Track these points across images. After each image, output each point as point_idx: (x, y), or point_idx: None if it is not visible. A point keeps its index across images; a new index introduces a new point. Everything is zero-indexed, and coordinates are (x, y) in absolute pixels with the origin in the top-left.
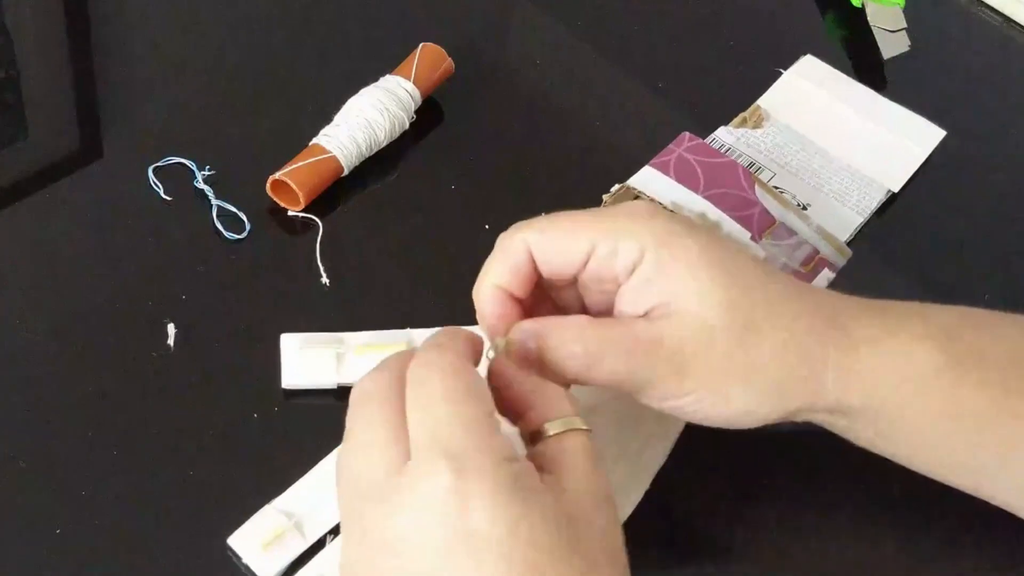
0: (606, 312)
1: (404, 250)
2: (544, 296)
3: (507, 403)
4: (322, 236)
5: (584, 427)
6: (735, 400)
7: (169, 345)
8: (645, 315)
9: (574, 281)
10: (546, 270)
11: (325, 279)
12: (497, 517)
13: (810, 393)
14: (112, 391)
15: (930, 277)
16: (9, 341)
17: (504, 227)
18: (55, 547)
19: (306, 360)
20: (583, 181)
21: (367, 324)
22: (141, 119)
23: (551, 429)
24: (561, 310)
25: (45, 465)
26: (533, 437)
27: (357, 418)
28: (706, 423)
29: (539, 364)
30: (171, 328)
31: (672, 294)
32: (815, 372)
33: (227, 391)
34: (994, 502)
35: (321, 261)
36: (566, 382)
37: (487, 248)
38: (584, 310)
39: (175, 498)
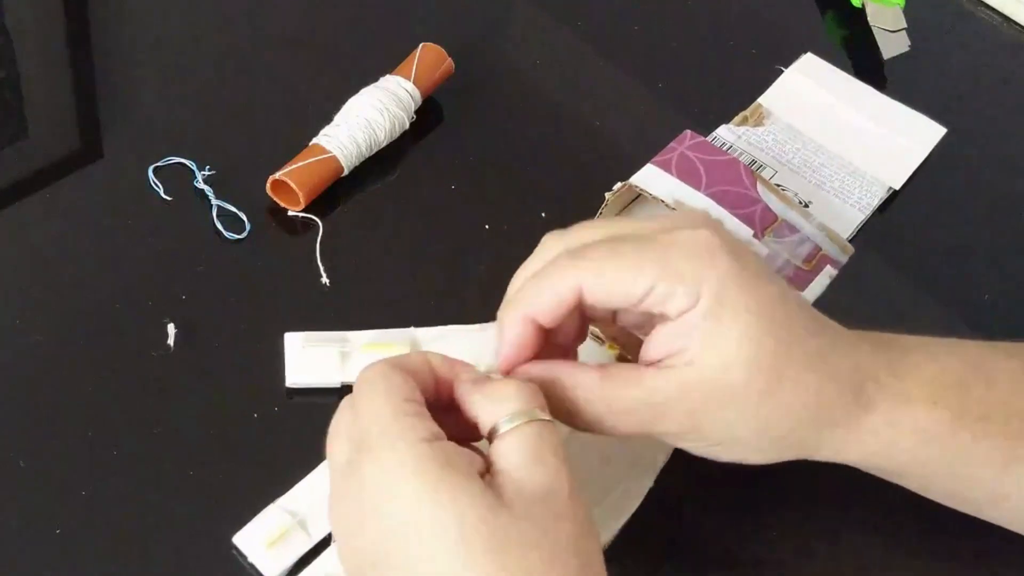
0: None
1: (404, 250)
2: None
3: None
4: (322, 236)
5: (541, 417)
6: (745, 454)
7: (169, 345)
8: (666, 359)
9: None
10: (591, 306)
11: (325, 279)
12: (412, 489)
13: (825, 452)
14: (112, 391)
15: (931, 274)
16: (9, 341)
17: (504, 227)
18: (57, 547)
19: (310, 358)
20: (584, 180)
21: (367, 324)
22: (141, 119)
23: (501, 427)
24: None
25: (46, 465)
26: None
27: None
28: (710, 458)
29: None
30: (171, 328)
31: (708, 345)
32: (830, 440)
33: (228, 391)
34: (999, 524)
35: (321, 261)
36: (579, 326)
37: (487, 248)
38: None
39: (179, 497)
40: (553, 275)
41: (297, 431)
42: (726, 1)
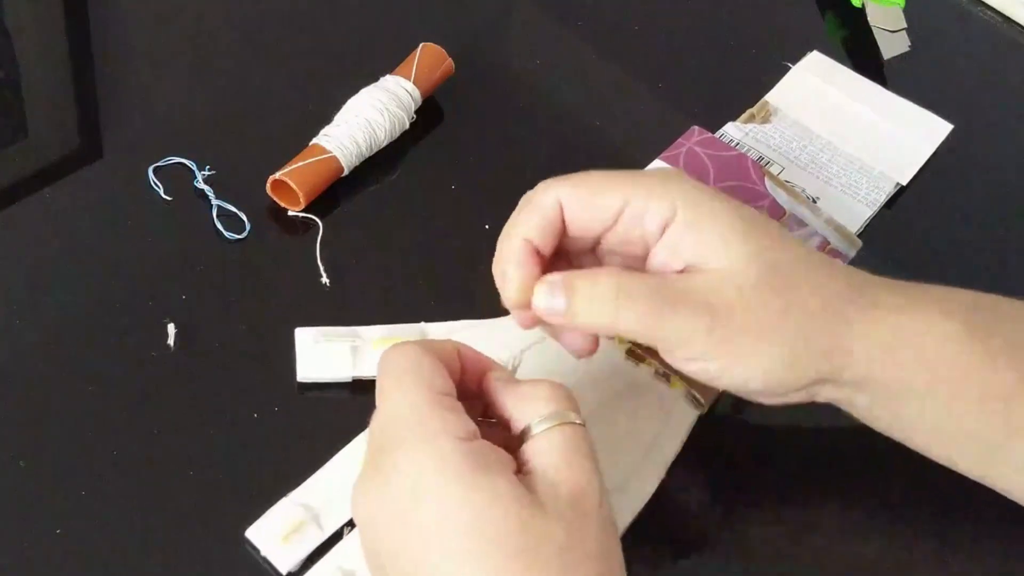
0: None
1: (404, 250)
2: (564, 267)
3: (498, 414)
4: (322, 236)
5: (574, 421)
6: (761, 361)
7: (169, 345)
8: (676, 273)
9: (595, 247)
10: (574, 227)
11: (325, 279)
12: (443, 488)
13: (837, 360)
14: (112, 391)
15: (939, 268)
16: (10, 341)
17: (503, 227)
18: (65, 547)
19: (321, 353)
20: None
21: (367, 324)
22: (141, 119)
23: (534, 428)
24: None
25: (49, 465)
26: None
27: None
28: (730, 389)
29: (566, 317)
30: (171, 328)
31: (704, 252)
32: (843, 338)
33: (229, 389)
34: (996, 487)
35: (321, 261)
36: (592, 335)
37: (488, 248)
38: None
39: (190, 493)
40: (533, 196)
41: (308, 426)
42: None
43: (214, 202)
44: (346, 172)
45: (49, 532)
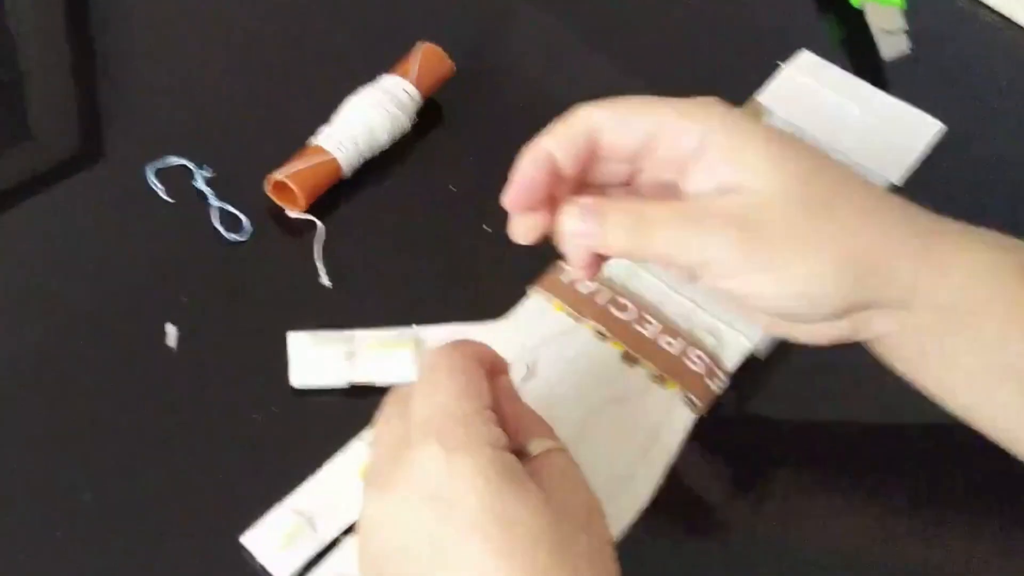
0: None
1: (404, 251)
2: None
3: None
4: (322, 237)
5: (563, 447)
6: (798, 277)
7: (169, 346)
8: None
9: (629, 181)
10: (607, 149)
11: (325, 280)
12: (482, 494)
13: (883, 277)
14: (112, 393)
15: None
16: (10, 341)
17: (505, 228)
18: (61, 550)
19: (315, 358)
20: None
21: (368, 325)
22: (142, 120)
23: (534, 449)
24: None
25: (47, 467)
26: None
27: (375, 426)
28: (762, 309)
29: (596, 240)
30: (171, 329)
31: (739, 174)
32: (890, 257)
33: (229, 392)
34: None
35: (321, 262)
36: (598, 260)
37: (488, 249)
38: None
39: (184, 498)
40: (569, 115)
41: (303, 430)
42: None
43: (214, 203)
44: (346, 173)
45: (47, 536)
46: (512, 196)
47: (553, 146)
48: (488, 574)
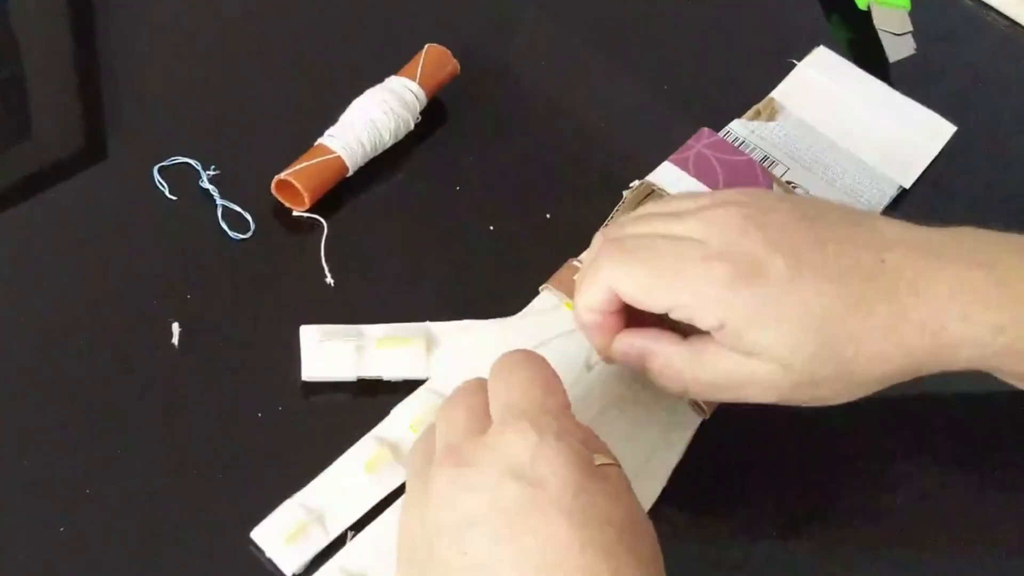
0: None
1: (408, 251)
2: None
3: None
4: (326, 236)
5: (619, 464)
6: (844, 399)
7: (173, 344)
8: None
9: None
10: (632, 304)
11: (329, 279)
12: (567, 478)
13: (940, 362)
14: (117, 391)
15: None
16: (14, 341)
17: (509, 228)
18: (69, 546)
19: (326, 352)
20: (590, 181)
21: (371, 323)
22: (146, 119)
23: (595, 461)
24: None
25: (53, 464)
26: None
27: (441, 411)
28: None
29: (646, 377)
30: (175, 327)
31: (763, 348)
32: (929, 364)
33: (233, 389)
34: None
35: (325, 261)
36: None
37: (492, 249)
38: None
39: (194, 494)
40: (594, 275)
41: (313, 427)
42: None
43: (219, 202)
44: (351, 172)
45: (53, 532)
46: (599, 351)
47: (595, 306)
48: (566, 553)
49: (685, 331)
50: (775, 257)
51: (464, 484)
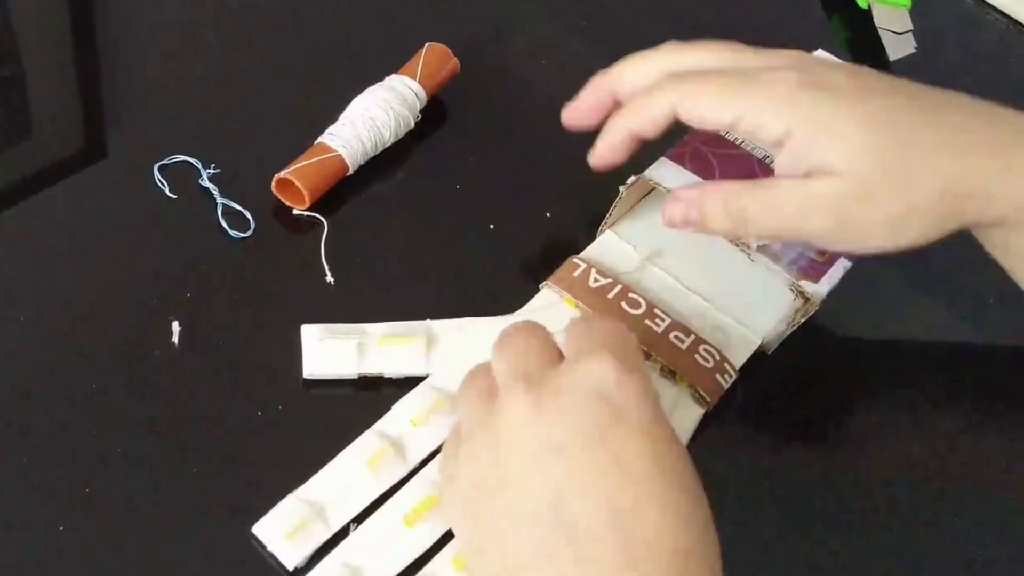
0: None
1: (408, 249)
2: None
3: None
4: (327, 235)
5: None
6: (895, 234)
7: (173, 343)
8: (802, 175)
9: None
10: (689, 124)
11: (330, 277)
12: (645, 408)
13: (973, 213)
14: (117, 389)
15: (945, 264)
16: (15, 339)
17: (508, 226)
18: (70, 544)
19: (327, 350)
20: (589, 179)
21: (372, 321)
22: (146, 117)
23: None
24: None
25: (53, 461)
26: None
27: (501, 350)
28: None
29: (699, 228)
30: (175, 325)
31: (826, 160)
32: (978, 194)
33: (232, 387)
34: None
35: (326, 260)
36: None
37: (491, 247)
38: None
39: (196, 490)
40: (655, 97)
41: (314, 423)
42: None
43: (219, 200)
44: (351, 171)
45: (53, 532)
46: (597, 160)
47: (637, 128)
48: (643, 477)
49: None
50: (842, 76)
51: (547, 409)
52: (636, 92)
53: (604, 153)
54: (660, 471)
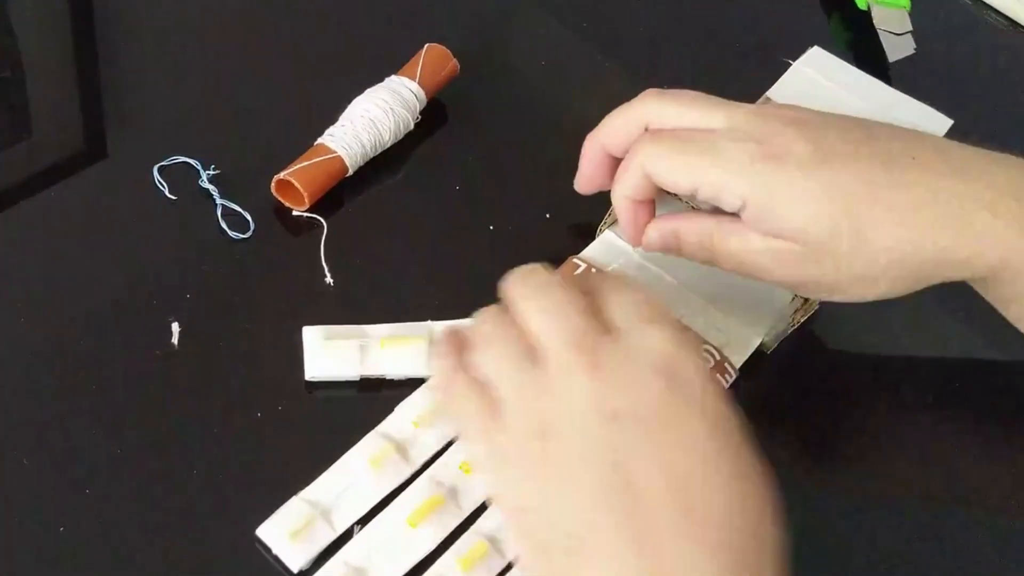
0: None
1: (408, 250)
2: None
3: None
4: (326, 236)
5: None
6: (861, 292)
7: (173, 344)
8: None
9: None
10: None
11: (329, 279)
12: (705, 382)
13: (949, 273)
14: (116, 388)
15: None
16: (14, 340)
17: (508, 228)
18: (72, 546)
19: (329, 351)
20: None
21: (371, 323)
22: (146, 118)
23: None
24: None
25: (52, 463)
26: None
27: (483, 343)
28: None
29: (678, 255)
30: (175, 327)
31: (782, 227)
32: (945, 259)
33: (231, 388)
34: None
35: (325, 261)
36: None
37: (491, 249)
38: None
39: (199, 492)
40: (630, 160)
41: (315, 425)
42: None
43: (219, 201)
44: (350, 172)
45: (53, 532)
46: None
47: (630, 194)
48: (703, 452)
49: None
50: (801, 143)
51: (607, 379)
52: (621, 150)
53: (633, 231)
54: (717, 450)
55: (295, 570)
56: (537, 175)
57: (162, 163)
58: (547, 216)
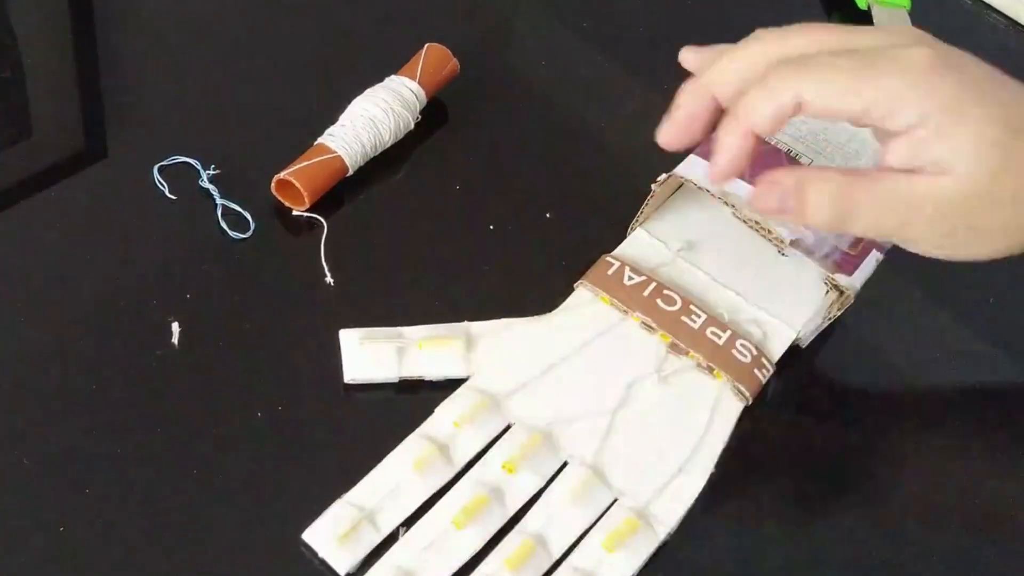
0: None
1: (408, 250)
2: None
3: None
4: (326, 236)
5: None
6: (1005, 244)
7: (173, 344)
8: (914, 169)
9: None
10: (809, 112)
11: (329, 279)
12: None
13: None
14: (115, 389)
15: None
16: (15, 340)
17: (509, 227)
18: (71, 545)
19: (368, 354)
20: (589, 180)
21: (371, 323)
22: (146, 118)
23: None
24: None
25: (53, 464)
26: None
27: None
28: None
29: (795, 219)
30: (175, 326)
31: (950, 158)
32: None
33: (231, 389)
34: None
35: (325, 261)
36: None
37: (492, 248)
38: None
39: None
40: (775, 88)
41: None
42: None
43: (219, 201)
44: (351, 172)
45: (53, 531)
46: (719, 174)
47: (761, 128)
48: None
49: None
50: (968, 58)
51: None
52: (743, 89)
53: (728, 168)
54: None
55: (342, 573)
56: (537, 175)
57: (162, 163)
58: (547, 216)
